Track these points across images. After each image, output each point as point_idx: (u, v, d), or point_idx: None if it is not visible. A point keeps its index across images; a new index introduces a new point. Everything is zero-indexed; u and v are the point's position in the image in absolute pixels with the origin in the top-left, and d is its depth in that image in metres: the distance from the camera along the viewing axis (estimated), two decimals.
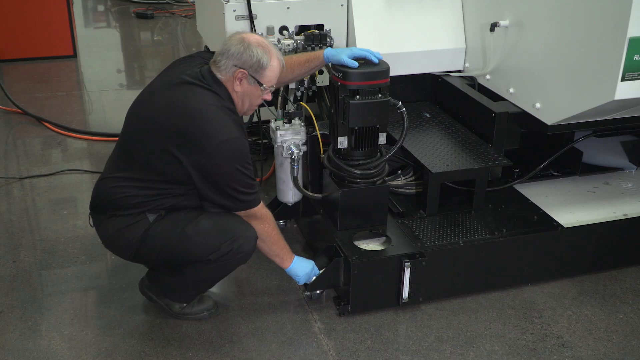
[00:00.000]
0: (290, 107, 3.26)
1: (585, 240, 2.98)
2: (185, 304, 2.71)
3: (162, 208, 2.49)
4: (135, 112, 2.56)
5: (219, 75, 2.46)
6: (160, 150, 2.40)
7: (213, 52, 2.56)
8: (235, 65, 2.43)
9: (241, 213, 2.54)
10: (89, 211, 2.62)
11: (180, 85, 2.44)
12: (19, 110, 4.95)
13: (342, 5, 3.37)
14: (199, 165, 2.37)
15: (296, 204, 3.22)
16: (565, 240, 2.93)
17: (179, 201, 2.50)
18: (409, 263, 2.66)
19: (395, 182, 3.18)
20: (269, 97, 2.57)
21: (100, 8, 9.10)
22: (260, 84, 2.48)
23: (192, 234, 2.46)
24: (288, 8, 3.30)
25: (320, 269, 2.74)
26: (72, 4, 6.53)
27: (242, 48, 2.42)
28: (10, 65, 6.17)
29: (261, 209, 2.58)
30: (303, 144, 3.00)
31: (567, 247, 2.95)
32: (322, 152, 3.00)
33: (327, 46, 3.29)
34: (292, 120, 3.02)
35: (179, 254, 2.50)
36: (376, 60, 2.68)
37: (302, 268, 2.71)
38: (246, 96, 2.51)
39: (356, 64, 2.63)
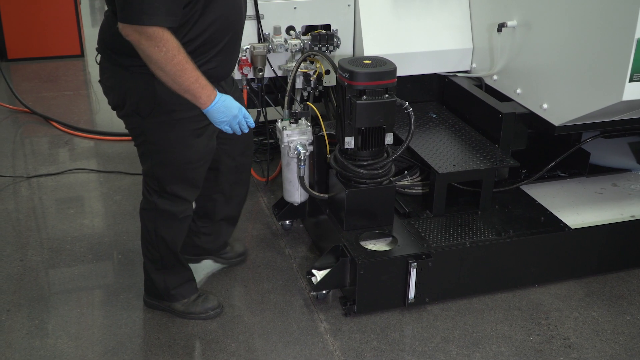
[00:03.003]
0: (297, 107, 3.27)
1: (592, 242, 2.97)
2: (185, 300, 2.70)
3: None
4: None
5: None
6: None
7: None
8: None
9: (128, 28, 1.97)
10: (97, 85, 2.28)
11: None
12: (27, 110, 4.96)
13: (349, 5, 3.37)
14: None
15: (302, 204, 3.22)
16: (572, 241, 2.92)
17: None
18: (415, 263, 2.66)
19: (401, 183, 3.18)
20: None
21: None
22: None
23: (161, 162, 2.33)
24: (295, 8, 3.30)
25: (326, 269, 2.74)
26: (80, 3, 6.55)
27: None
28: (18, 64, 6.20)
29: (159, 31, 1.95)
30: (309, 144, 3.00)
31: (574, 249, 2.94)
32: (328, 152, 3.00)
33: (334, 46, 3.30)
34: (299, 120, 3.02)
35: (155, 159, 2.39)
36: None
37: (222, 113, 2.18)
38: None
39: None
